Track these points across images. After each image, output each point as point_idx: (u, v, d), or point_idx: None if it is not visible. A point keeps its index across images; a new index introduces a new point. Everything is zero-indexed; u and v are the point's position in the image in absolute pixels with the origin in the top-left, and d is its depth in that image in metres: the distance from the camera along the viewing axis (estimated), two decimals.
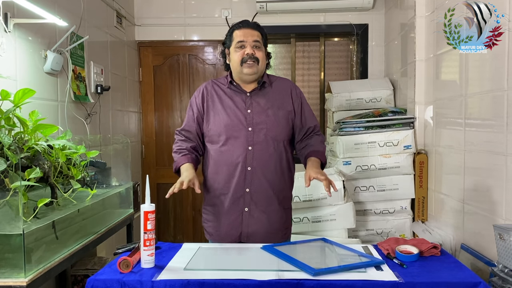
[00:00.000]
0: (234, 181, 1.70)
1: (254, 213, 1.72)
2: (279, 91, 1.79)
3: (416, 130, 2.70)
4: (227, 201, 1.72)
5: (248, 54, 1.69)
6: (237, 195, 1.71)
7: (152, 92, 3.72)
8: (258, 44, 1.72)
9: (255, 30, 1.74)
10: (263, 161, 1.70)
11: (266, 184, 1.71)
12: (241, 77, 1.74)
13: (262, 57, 1.73)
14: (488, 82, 1.90)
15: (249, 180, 1.70)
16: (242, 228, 1.72)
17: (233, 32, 1.74)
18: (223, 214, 1.74)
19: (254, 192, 1.71)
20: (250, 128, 1.70)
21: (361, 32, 3.55)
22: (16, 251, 1.28)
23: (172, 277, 1.25)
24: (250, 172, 1.69)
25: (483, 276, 1.76)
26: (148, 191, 1.33)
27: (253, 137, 1.70)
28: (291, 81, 1.89)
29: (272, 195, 1.73)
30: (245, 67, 1.69)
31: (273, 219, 1.74)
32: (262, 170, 1.70)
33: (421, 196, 2.66)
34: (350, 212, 2.52)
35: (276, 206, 1.74)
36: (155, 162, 3.75)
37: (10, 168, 1.31)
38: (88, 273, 2.27)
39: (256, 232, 1.72)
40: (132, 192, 2.27)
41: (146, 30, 3.60)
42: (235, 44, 1.72)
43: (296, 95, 1.81)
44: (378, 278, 1.23)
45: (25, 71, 2.00)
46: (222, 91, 1.78)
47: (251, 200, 1.71)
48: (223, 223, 1.74)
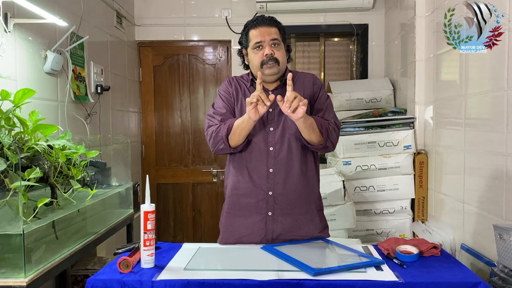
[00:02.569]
0: (255, 184, 1.62)
1: (277, 217, 1.62)
2: (301, 85, 1.68)
3: (416, 130, 2.70)
4: (249, 204, 1.64)
5: (267, 56, 1.58)
6: (258, 198, 1.62)
7: (152, 92, 3.72)
8: (276, 41, 1.61)
9: (272, 26, 1.62)
10: (285, 162, 1.61)
11: (290, 186, 1.62)
12: (262, 77, 1.62)
13: (282, 55, 1.62)
14: (488, 82, 1.90)
15: (271, 183, 1.61)
16: (266, 233, 1.62)
17: (249, 31, 1.63)
18: (244, 217, 1.65)
19: (277, 195, 1.62)
20: (271, 128, 1.63)
21: (361, 32, 3.55)
22: (16, 251, 1.28)
23: (172, 277, 1.25)
24: (272, 174, 1.61)
25: (483, 276, 1.76)
26: (148, 191, 1.33)
27: (274, 137, 1.62)
28: (314, 75, 1.75)
29: (297, 197, 1.63)
30: (266, 68, 1.59)
31: (300, 222, 1.64)
32: (285, 171, 1.61)
33: (421, 196, 2.66)
34: (350, 212, 2.52)
35: (302, 208, 1.64)
36: (155, 162, 3.75)
37: (10, 168, 1.31)
38: (88, 273, 2.27)
39: (282, 236, 1.62)
40: (132, 192, 2.27)
41: (146, 30, 3.60)
42: (253, 45, 1.61)
43: (318, 87, 1.69)
44: (378, 278, 1.23)
45: (25, 71, 2.00)
46: (246, 88, 1.70)
47: (274, 204, 1.62)
48: (245, 227, 1.64)
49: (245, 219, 1.65)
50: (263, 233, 1.63)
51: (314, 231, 1.66)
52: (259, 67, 1.60)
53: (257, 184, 1.63)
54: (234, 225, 1.67)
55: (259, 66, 1.60)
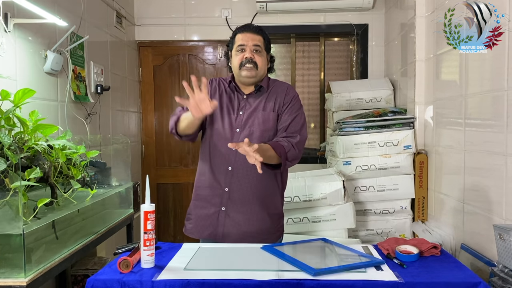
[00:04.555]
0: (214, 178, 1.72)
1: (230, 213, 1.71)
2: (275, 94, 1.76)
3: (416, 130, 2.70)
4: (205, 197, 1.74)
5: (246, 58, 1.68)
6: (215, 193, 1.72)
7: (152, 92, 3.72)
8: (258, 48, 1.71)
9: (257, 34, 1.72)
10: (246, 162, 1.58)
11: (246, 185, 1.69)
12: (240, 79, 1.74)
13: (262, 61, 1.71)
14: (488, 82, 1.90)
15: (229, 179, 1.70)
16: (218, 226, 1.72)
17: (236, 35, 1.74)
18: (200, 209, 1.76)
19: (232, 192, 1.70)
20: (237, 129, 1.71)
21: (361, 32, 3.55)
22: (16, 251, 1.28)
23: (172, 277, 1.25)
24: (230, 172, 1.70)
25: (483, 276, 1.76)
26: (148, 191, 1.33)
27: (239, 138, 1.69)
28: (290, 85, 1.82)
29: (252, 197, 1.70)
30: (243, 70, 1.68)
31: (252, 221, 1.71)
32: (244, 170, 1.68)
33: (421, 196, 2.66)
34: (350, 212, 2.52)
35: (256, 208, 1.71)
36: (155, 162, 3.75)
37: (10, 168, 1.31)
38: (88, 273, 2.27)
39: (232, 233, 1.71)
40: (132, 192, 2.27)
41: (146, 30, 3.60)
42: (236, 47, 1.72)
43: (289, 97, 1.74)
44: (378, 278, 1.23)
45: (25, 71, 2.00)
46: (224, 89, 1.78)
47: (228, 200, 1.71)
48: (199, 218, 1.76)
49: (200, 212, 1.76)
50: (215, 227, 1.72)
51: (264, 232, 1.73)
52: (238, 68, 1.69)
53: (215, 179, 1.72)
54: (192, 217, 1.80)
55: (238, 67, 1.69)
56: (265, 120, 1.71)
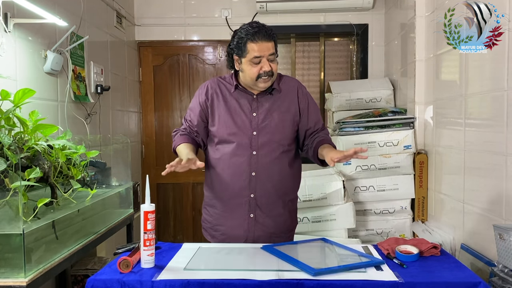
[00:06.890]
0: (238, 186, 1.69)
1: (259, 219, 1.71)
2: (286, 93, 1.74)
3: (416, 130, 2.70)
4: (231, 204, 1.71)
5: (266, 72, 1.61)
6: (241, 200, 1.70)
7: (152, 92, 3.72)
8: (273, 57, 1.64)
9: (270, 41, 1.62)
10: (268, 166, 1.68)
11: (271, 189, 1.70)
12: (253, 87, 1.69)
13: (276, 68, 1.67)
14: (488, 82, 1.90)
15: (253, 186, 1.68)
16: (248, 233, 1.71)
17: (247, 43, 1.61)
18: (226, 217, 1.73)
19: (259, 198, 1.69)
20: (255, 132, 1.68)
21: (361, 32, 3.55)
22: (16, 251, 1.28)
23: (172, 277, 1.25)
24: (254, 178, 1.68)
25: (483, 276, 1.76)
26: (148, 191, 1.33)
27: (258, 141, 1.67)
28: (297, 81, 1.83)
29: (277, 200, 1.72)
30: (261, 82, 1.64)
31: (278, 223, 1.74)
32: (267, 175, 1.68)
33: (421, 196, 2.66)
34: (350, 212, 2.52)
35: (281, 210, 1.74)
36: (155, 162, 3.75)
37: (10, 168, 1.31)
38: (88, 273, 2.27)
39: (262, 236, 1.71)
40: (132, 192, 2.27)
41: (146, 30, 3.60)
42: (251, 58, 1.61)
43: (303, 95, 1.78)
44: (378, 278, 1.23)
45: (25, 71, 2.00)
46: (227, 91, 1.73)
47: (256, 206, 1.70)
48: (227, 226, 1.73)
49: (227, 220, 1.75)
50: (246, 234, 1.73)
51: (287, 231, 1.80)
52: (254, 79, 1.64)
53: (239, 186, 1.70)
54: (216, 224, 1.79)
55: (255, 79, 1.64)
56: (283, 123, 1.71)
